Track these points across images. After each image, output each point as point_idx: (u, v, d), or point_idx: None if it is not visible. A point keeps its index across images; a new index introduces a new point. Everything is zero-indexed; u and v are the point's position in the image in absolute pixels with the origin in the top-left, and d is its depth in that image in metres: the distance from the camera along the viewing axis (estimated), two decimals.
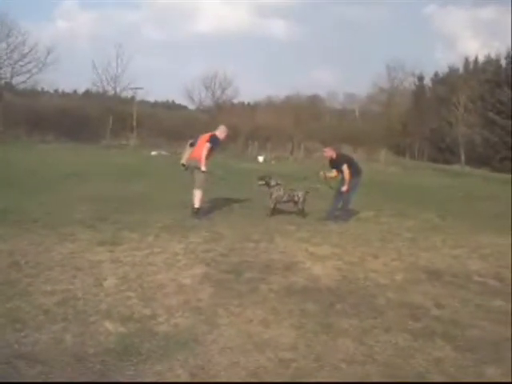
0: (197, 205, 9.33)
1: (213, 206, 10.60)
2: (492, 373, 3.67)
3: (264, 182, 10.24)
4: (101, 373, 3.38)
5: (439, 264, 6.84)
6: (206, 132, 9.92)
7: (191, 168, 9.50)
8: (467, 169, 36.55)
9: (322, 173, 10.46)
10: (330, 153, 10.27)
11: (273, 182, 10.18)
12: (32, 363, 3.44)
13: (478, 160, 39.43)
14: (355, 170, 10.10)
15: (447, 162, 41.27)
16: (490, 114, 40.33)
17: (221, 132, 9.84)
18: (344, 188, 9.86)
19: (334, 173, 10.27)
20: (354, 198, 10.22)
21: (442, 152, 43.85)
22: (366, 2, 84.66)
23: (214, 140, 9.51)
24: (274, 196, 10.03)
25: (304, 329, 4.28)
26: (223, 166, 22.66)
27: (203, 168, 9.20)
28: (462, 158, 38.98)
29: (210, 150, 9.37)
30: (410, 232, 9.07)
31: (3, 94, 38.13)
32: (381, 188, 17.57)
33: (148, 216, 8.92)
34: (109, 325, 4.11)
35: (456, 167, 37.43)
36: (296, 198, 10.13)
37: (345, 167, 9.88)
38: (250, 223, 8.97)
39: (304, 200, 10.15)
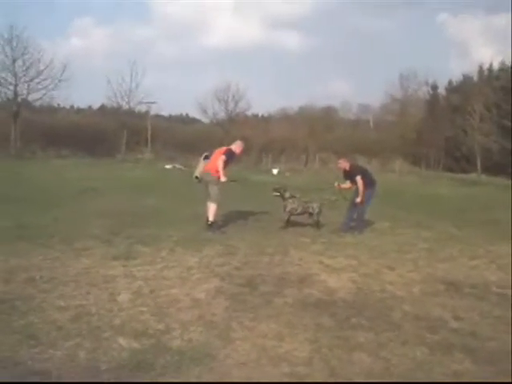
0: (211, 218, 9.29)
1: (227, 219, 10.58)
2: None
3: (279, 194, 10.19)
4: None
5: (457, 275, 6.73)
6: (221, 146, 9.94)
7: (205, 181, 9.48)
8: (484, 177, 36.17)
9: (336, 184, 10.45)
10: (343, 164, 10.25)
11: (287, 194, 10.13)
12: (46, 380, 3.43)
13: (494, 168, 38.99)
14: (369, 181, 10.07)
15: (463, 170, 40.87)
16: (505, 122, 39.98)
17: (237, 146, 9.84)
18: (358, 199, 9.80)
19: (348, 184, 10.24)
20: (368, 208, 10.19)
21: (458, 161, 43.47)
22: (379, 11, 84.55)
23: (229, 154, 9.50)
24: (288, 208, 9.98)
25: (319, 343, 4.22)
26: (237, 178, 22.66)
27: (223, 179, 9.18)
28: (479, 166, 38.61)
29: (225, 163, 9.31)
30: (426, 243, 8.96)
31: (20, 110, 38.57)
32: (396, 198, 17.43)
33: (162, 230, 8.91)
34: (122, 340, 4.08)
35: (472, 176, 37.04)
36: (311, 210, 10.07)
37: (358, 178, 9.83)
38: (264, 236, 8.92)
39: (319, 212, 10.09)
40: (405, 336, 4.45)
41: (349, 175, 10.16)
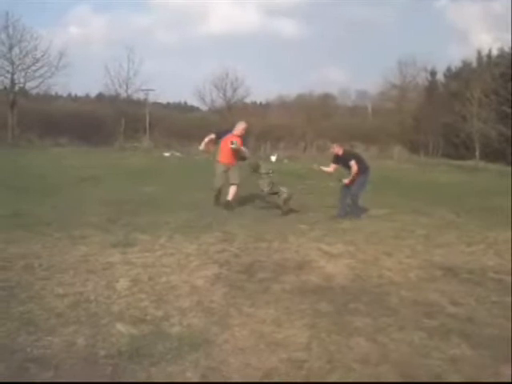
0: (230, 198, 10.32)
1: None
2: (508, 371, 3.58)
3: (253, 170, 10.31)
4: (112, 375, 3.37)
5: (454, 261, 6.75)
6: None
7: (224, 168, 10.44)
8: (482, 164, 36.14)
9: (315, 165, 10.81)
10: (337, 149, 10.43)
11: (263, 170, 10.20)
12: (44, 366, 3.44)
13: (493, 155, 38.95)
14: (363, 167, 10.23)
15: (462, 157, 40.75)
16: (504, 108, 39.88)
17: (238, 130, 10.64)
18: (346, 181, 9.99)
19: (330, 167, 10.58)
20: (361, 194, 10.36)
21: (457, 147, 43.34)
22: None
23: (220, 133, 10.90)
24: (261, 186, 10.20)
25: (317, 328, 4.24)
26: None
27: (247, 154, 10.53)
28: (477, 153, 38.53)
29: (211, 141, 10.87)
30: (424, 229, 8.97)
31: (17, 99, 38.37)
32: (394, 185, 17.47)
33: (160, 217, 8.93)
34: (121, 327, 4.09)
35: (471, 162, 36.94)
36: (279, 193, 10.06)
37: (353, 163, 9.99)
38: (262, 223, 8.94)
39: (288, 198, 10.03)
40: (402, 321, 4.47)
41: (342, 160, 10.30)
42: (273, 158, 32.84)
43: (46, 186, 12.73)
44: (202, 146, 10.90)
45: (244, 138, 10.83)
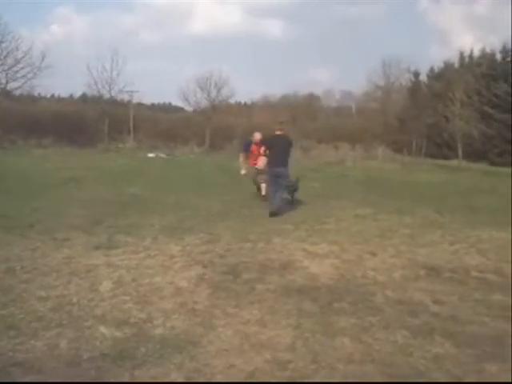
0: (263, 193, 11.42)
1: (209, 207, 10.57)
2: (492, 369, 3.62)
3: None
4: (96, 378, 3.34)
5: (438, 260, 6.79)
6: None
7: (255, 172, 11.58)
8: (465, 163, 36.49)
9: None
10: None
11: None
12: (27, 370, 3.40)
13: (475, 154, 39.37)
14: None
15: (445, 157, 41.11)
16: (486, 108, 40.31)
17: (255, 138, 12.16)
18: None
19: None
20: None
21: (440, 147, 43.69)
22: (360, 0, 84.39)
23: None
24: None
25: (302, 328, 4.24)
26: (220, 166, 22.67)
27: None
28: (460, 152, 38.87)
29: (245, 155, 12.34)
30: (408, 228, 9.02)
31: None
32: (378, 185, 17.57)
33: (144, 219, 8.88)
34: (104, 329, 4.06)
35: (454, 162, 37.28)
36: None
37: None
38: (247, 224, 8.93)
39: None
40: (386, 320, 4.49)
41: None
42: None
43: (29, 188, 12.61)
44: (243, 171, 12.27)
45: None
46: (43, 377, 3.35)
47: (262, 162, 10.90)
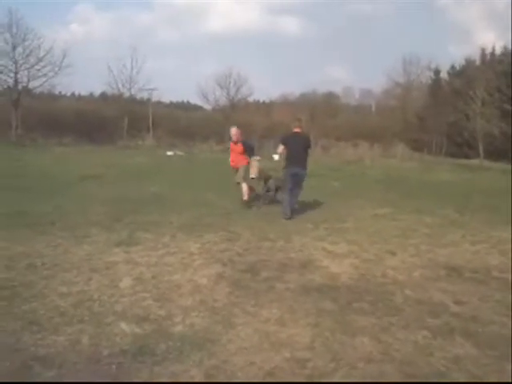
0: (245, 197, 10.71)
1: (229, 205, 10.59)
2: None
3: None
4: (116, 374, 3.37)
5: (458, 260, 6.73)
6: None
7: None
8: (486, 163, 36.04)
9: (277, 155, 11.27)
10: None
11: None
12: (48, 365, 3.44)
13: (496, 153, 38.85)
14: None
15: (466, 156, 40.69)
16: (507, 106, 39.73)
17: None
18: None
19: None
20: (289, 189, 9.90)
21: (460, 146, 43.26)
22: None
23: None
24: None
25: (321, 327, 4.24)
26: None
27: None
28: (481, 151, 38.41)
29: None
30: (428, 228, 8.95)
31: (21, 98, 38.41)
32: (398, 184, 17.43)
33: (164, 216, 8.93)
34: (124, 326, 4.10)
35: (475, 161, 36.86)
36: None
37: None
38: (266, 222, 8.93)
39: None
40: (406, 320, 4.46)
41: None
42: (275, 157, 32.78)
43: (50, 185, 12.74)
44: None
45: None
46: (64, 371, 3.39)
47: (254, 169, 10.64)
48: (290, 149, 9.91)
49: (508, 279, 5.83)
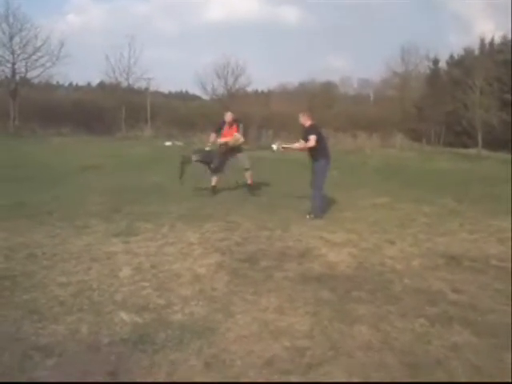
0: (213, 183, 10.81)
1: (227, 194, 10.60)
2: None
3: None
4: (116, 363, 3.39)
5: (457, 249, 6.75)
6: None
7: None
8: (484, 152, 36.01)
9: (275, 145, 10.08)
10: (303, 119, 9.09)
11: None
12: (48, 354, 3.46)
13: (495, 143, 38.79)
14: (325, 151, 8.93)
15: (464, 145, 40.61)
16: (507, 96, 39.65)
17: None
18: (296, 145, 9.14)
19: (297, 144, 9.18)
20: (323, 183, 8.95)
21: (459, 136, 43.17)
22: None
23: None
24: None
25: (319, 316, 4.25)
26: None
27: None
28: (479, 141, 38.37)
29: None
30: (426, 217, 8.96)
31: (18, 88, 38.29)
32: (397, 173, 17.44)
33: (163, 206, 8.94)
34: (124, 315, 4.11)
35: (473, 151, 36.83)
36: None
37: (313, 137, 8.62)
38: (264, 212, 8.93)
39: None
40: (404, 309, 4.48)
41: (305, 134, 8.91)
42: (274, 147, 32.73)
43: (49, 176, 12.74)
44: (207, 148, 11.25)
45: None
46: (64, 360, 3.41)
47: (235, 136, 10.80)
48: (323, 141, 9.02)
49: (508, 268, 5.84)
